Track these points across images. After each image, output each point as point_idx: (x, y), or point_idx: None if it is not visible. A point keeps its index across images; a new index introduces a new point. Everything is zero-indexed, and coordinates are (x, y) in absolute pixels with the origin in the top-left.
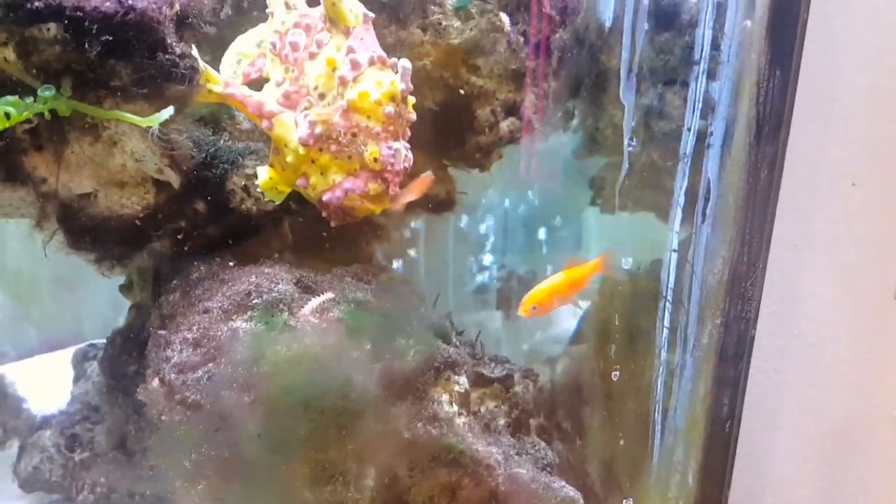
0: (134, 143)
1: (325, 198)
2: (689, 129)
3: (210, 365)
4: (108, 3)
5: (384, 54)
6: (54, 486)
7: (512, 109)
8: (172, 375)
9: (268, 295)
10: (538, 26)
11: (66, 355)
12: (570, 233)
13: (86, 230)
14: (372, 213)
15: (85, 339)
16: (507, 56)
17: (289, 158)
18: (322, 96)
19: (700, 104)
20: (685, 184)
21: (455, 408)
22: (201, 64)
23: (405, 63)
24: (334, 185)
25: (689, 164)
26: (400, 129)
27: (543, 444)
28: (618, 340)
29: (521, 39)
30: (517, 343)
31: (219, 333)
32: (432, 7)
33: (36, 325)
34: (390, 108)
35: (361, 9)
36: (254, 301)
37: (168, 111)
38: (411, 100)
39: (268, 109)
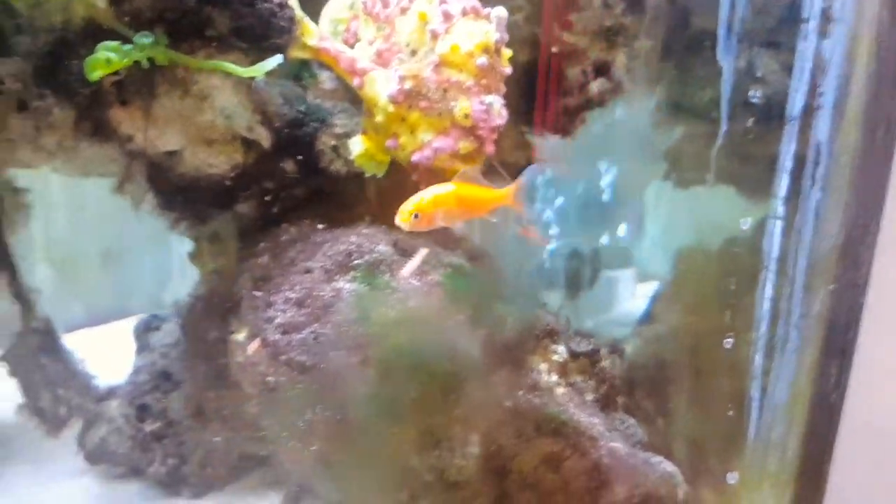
0: (225, 98)
1: (414, 158)
2: (796, 91)
3: (315, 325)
4: None
5: (478, 4)
6: (122, 457)
7: (602, 70)
8: (277, 336)
9: (369, 256)
10: None
11: (115, 328)
12: (636, 209)
13: (177, 190)
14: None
15: (130, 312)
16: (602, 12)
17: (378, 118)
18: (414, 52)
19: (809, 64)
20: (793, 147)
21: (554, 377)
22: (299, 14)
23: (500, 12)
24: (424, 145)
25: (796, 126)
26: (494, 82)
27: (632, 420)
28: (703, 315)
29: None
30: (579, 323)
31: (322, 294)
32: None
33: (80, 298)
34: (483, 60)
35: None
36: (355, 262)
37: (276, 59)
38: (507, 52)
39: (360, 66)
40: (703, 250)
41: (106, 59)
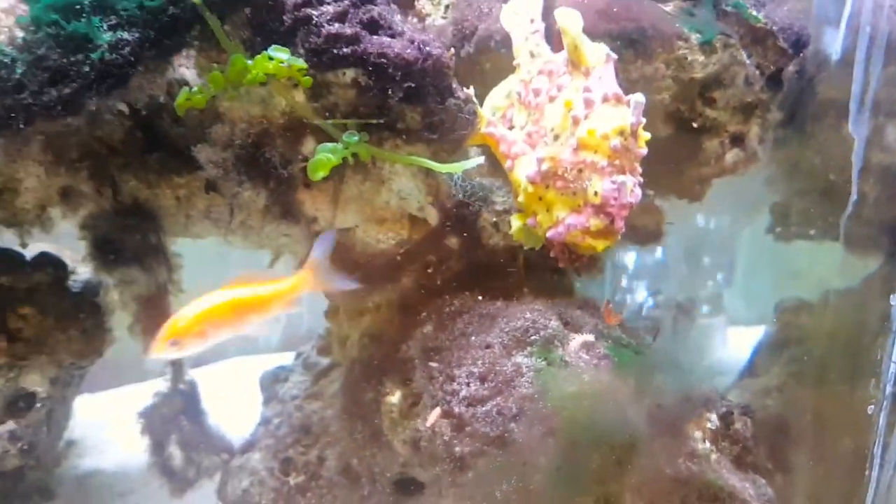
0: (402, 182)
1: (549, 234)
2: None
3: (498, 398)
4: (409, 50)
5: (620, 91)
6: None
7: (737, 141)
8: (462, 408)
9: (543, 332)
10: (773, 59)
11: (212, 370)
12: (737, 261)
13: (353, 264)
14: (592, 251)
15: (226, 356)
16: (744, 89)
17: (520, 198)
18: (557, 137)
19: None
20: None
21: (708, 444)
22: (477, 106)
23: (638, 98)
24: (558, 222)
25: None
26: (628, 163)
27: (763, 480)
28: (818, 371)
29: (756, 72)
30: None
31: (504, 369)
32: (679, 42)
33: None
34: (617, 142)
35: (604, 49)
36: (532, 338)
37: (477, 160)
38: (645, 135)
39: (514, 150)
40: (808, 304)
41: (326, 160)
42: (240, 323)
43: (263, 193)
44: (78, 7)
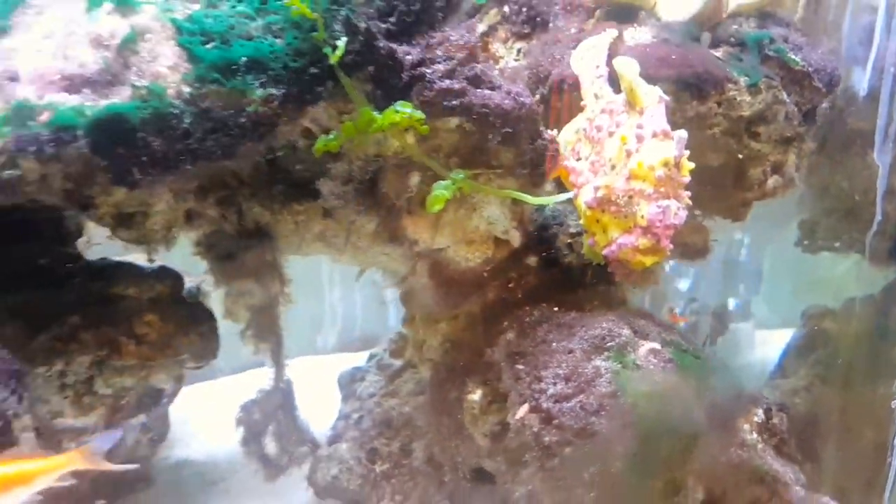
0: (491, 210)
1: (604, 252)
2: None
3: (581, 396)
4: (506, 101)
5: (668, 128)
6: (352, 494)
7: (777, 169)
8: (550, 404)
9: (618, 339)
10: (809, 97)
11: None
12: (764, 270)
13: (447, 280)
14: (642, 266)
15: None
16: (784, 124)
17: (581, 221)
18: (613, 167)
19: None
20: None
21: (755, 435)
22: (558, 144)
23: (681, 133)
24: (612, 241)
25: None
26: (672, 189)
27: (797, 468)
28: (841, 374)
29: (795, 109)
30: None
31: (585, 370)
32: (729, 84)
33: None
34: (661, 172)
35: (657, 92)
36: (608, 344)
37: (568, 195)
38: (688, 165)
39: (580, 180)
40: (832, 311)
41: (442, 195)
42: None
43: (375, 220)
44: (235, 67)
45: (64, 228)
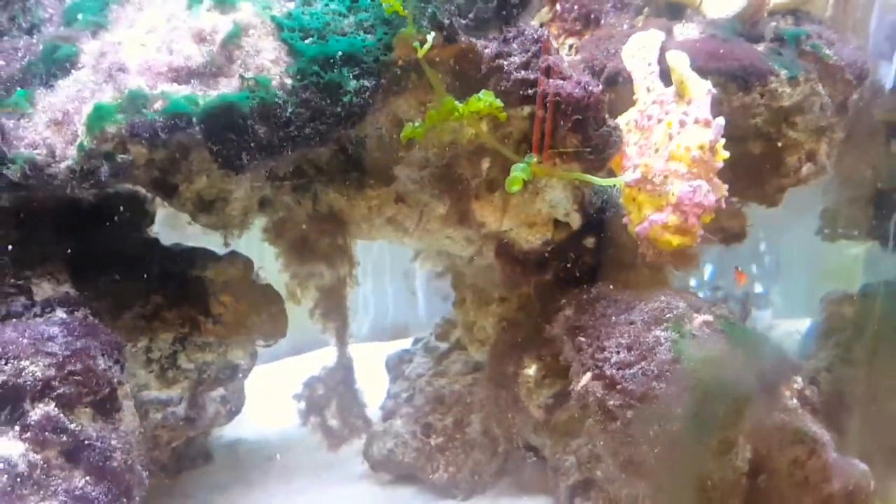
0: (554, 193)
1: (637, 230)
2: None
3: (643, 363)
4: (577, 90)
5: (710, 116)
6: (407, 466)
7: (811, 156)
8: (614, 371)
9: (675, 311)
10: (841, 89)
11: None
12: (786, 259)
13: (513, 260)
14: (669, 246)
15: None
16: (819, 115)
17: (621, 200)
18: (657, 150)
19: None
20: None
21: (795, 401)
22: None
23: (719, 120)
24: (644, 219)
25: None
26: (704, 172)
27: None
28: (861, 354)
29: (829, 100)
30: None
31: (646, 340)
32: (771, 77)
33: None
34: (696, 154)
35: (706, 85)
36: (667, 316)
37: (633, 175)
38: (723, 152)
39: (627, 164)
40: (849, 296)
41: (520, 177)
42: None
43: (446, 204)
44: (332, 60)
45: (141, 215)
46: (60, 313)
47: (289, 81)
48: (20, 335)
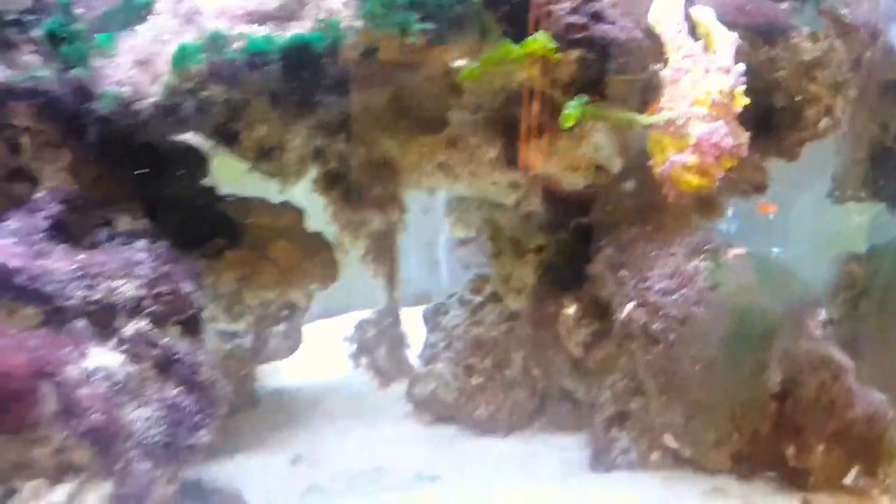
0: (598, 137)
1: (660, 170)
2: None
3: (683, 290)
4: (622, 35)
5: (730, 65)
6: (449, 405)
7: (828, 111)
8: (658, 297)
9: (712, 244)
10: (856, 47)
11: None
12: (794, 219)
13: (557, 202)
14: (689, 187)
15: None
16: (836, 70)
17: (648, 144)
18: (684, 98)
19: None
20: None
21: (819, 331)
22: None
23: (739, 67)
24: (666, 160)
25: None
26: (722, 115)
27: None
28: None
29: (845, 57)
30: None
31: (686, 269)
32: (793, 33)
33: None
34: (716, 97)
35: (732, 38)
36: (704, 248)
37: (673, 114)
38: (743, 98)
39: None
40: (857, 255)
41: (574, 113)
42: None
43: (496, 148)
44: (398, 4)
45: (199, 166)
46: (142, 243)
47: (358, 23)
48: (110, 259)
